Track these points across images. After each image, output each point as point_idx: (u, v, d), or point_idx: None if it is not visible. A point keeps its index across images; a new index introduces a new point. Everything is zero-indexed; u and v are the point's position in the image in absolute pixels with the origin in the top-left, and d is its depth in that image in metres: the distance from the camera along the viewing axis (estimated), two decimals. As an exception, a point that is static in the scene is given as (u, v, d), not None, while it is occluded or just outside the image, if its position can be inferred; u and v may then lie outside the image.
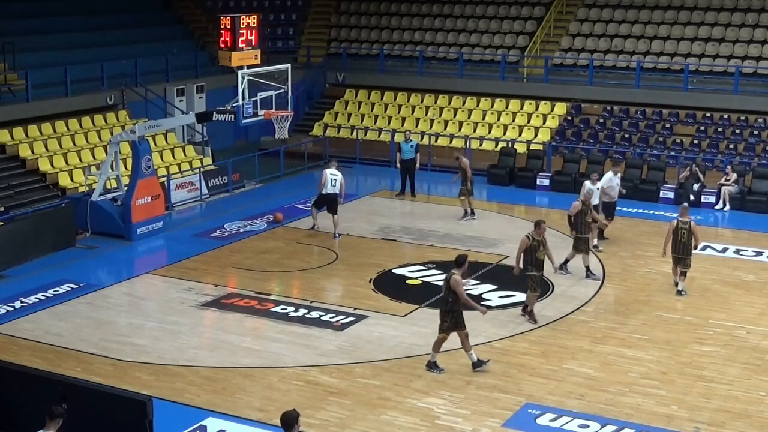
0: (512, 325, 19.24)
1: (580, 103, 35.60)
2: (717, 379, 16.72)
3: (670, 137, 33.52)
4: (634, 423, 14.99)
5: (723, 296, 21.21)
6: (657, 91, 34.65)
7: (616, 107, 35.02)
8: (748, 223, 27.65)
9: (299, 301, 20.53)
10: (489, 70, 37.73)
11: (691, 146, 32.86)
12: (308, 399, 15.77)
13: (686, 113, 34.15)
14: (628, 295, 21.23)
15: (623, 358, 17.63)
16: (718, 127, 33.42)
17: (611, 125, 34.56)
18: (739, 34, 36.31)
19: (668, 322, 19.49)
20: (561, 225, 26.45)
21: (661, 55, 36.49)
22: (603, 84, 35.58)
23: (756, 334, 18.89)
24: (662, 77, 35.48)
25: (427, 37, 40.35)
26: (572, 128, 34.76)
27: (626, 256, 24.10)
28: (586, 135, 34.34)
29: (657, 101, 34.58)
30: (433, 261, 23.35)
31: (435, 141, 35.12)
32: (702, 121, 33.80)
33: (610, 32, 37.96)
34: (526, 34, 39.06)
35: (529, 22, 39.48)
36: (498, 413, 15.37)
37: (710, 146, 32.75)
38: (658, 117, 34.43)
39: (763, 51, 35.41)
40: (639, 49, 36.94)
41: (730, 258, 24.21)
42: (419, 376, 16.75)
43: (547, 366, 17.28)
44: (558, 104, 35.61)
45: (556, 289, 21.44)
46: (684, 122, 34.04)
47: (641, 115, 34.65)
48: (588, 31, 38.37)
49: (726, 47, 35.94)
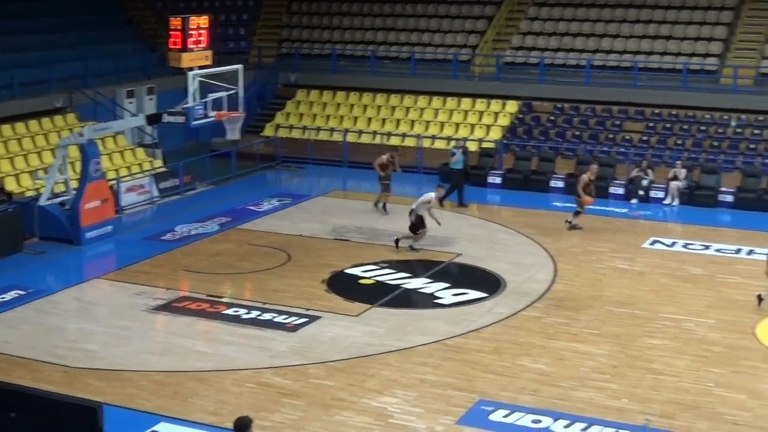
0: (465, 322, 19.30)
1: (530, 101, 35.80)
2: (666, 372, 16.89)
3: (619, 134, 33.80)
4: (586, 417, 15.10)
5: (672, 290, 21.44)
6: (606, 89, 34.91)
7: (566, 105, 35.25)
8: (696, 218, 27.97)
9: (251, 303, 20.45)
10: (440, 69, 37.81)
11: (641, 142, 33.16)
12: (261, 401, 15.73)
13: (635, 110, 34.46)
14: (579, 290, 21.38)
15: (575, 353, 17.75)
16: (667, 124, 33.75)
17: (562, 123, 34.79)
18: (686, 31, 36.67)
19: (619, 317, 19.66)
20: (513, 223, 26.64)
21: (611, 52, 36.77)
22: (553, 82, 35.79)
23: (704, 327, 19.11)
24: (611, 75, 35.76)
25: (378, 36, 40.38)
26: (523, 126, 34.95)
27: (578, 252, 24.27)
28: (537, 132, 34.54)
29: (606, 98, 34.84)
30: (387, 260, 23.37)
31: (387, 140, 35.16)
32: (651, 118, 34.12)
33: (560, 30, 38.19)
34: (477, 32, 39.19)
35: (480, 21, 39.61)
36: (451, 411, 15.41)
37: (659, 142, 33.08)
38: (607, 114, 34.70)
39: (710, 48, 35.81)
40: (589, 47, 37.21)
41: (679, 252, 24.47)
42: (373, 375, 16.76)
43: (500, 362, 17.36)
44: (509, 102, 35.78)
45: (508, 285, 21.55)
46: (633, 119, 34.34)
47: (591, 112, 34.91)
48: (539, 29, 38.58)
49: (674, 44, 36.31)
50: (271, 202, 29.18)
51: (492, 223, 27.29)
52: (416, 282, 21.82)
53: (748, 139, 32.56)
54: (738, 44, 35.88)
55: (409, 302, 20.66)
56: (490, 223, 27.23)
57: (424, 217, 24.14)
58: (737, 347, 18.08)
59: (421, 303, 20.62)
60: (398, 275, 22.27)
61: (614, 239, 25.55)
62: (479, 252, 24.20)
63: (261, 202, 29.12)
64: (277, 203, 29.14)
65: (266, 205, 28.80)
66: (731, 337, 18.57)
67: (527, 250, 24.46)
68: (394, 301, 20.68)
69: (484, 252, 24.14)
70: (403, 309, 20.20)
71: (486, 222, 27.33)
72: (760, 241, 25.30)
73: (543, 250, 24.33)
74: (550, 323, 19.33)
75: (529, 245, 24.93)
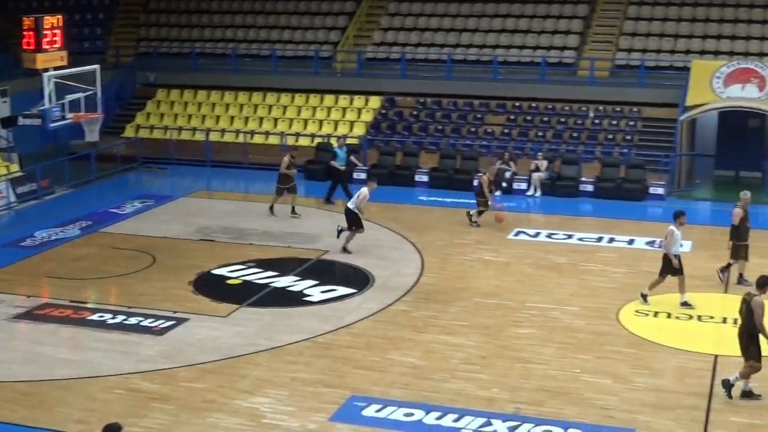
0: (335, 319, 19.27)
1: (393, 96, 35.99)
2: (534, 360, 17.17)
3: (481, 127, 34.26)
4: (457, 408, 15.23)
5: (537, 279, 21.82)
6: (467, 83, 35.34)
7: (428, 99, 35.57)
8: (558, 208, 28.54)
9: (117, 307, 20.00)
10: (302, 66, 37.71)
11: (502, 135, 33.67)
12: (130, 407, 15.40)
13: (496, 103, 34.97)
14: (447, 283, 21.57)
15: (445, 345, 17.90)
16: (527, 116, 34.36)
17: (424, 117, 35.08)
18: (543, 25, 37.41)
19: (487, 308, 19.91)
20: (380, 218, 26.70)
21: (471, 47, 37.23)
22: (415, 77, 36.05)
23: (569, 314, 19.50)
24: (472, 69, 36.21)
25: (239, 34, 40.02)
26: (387, 121, 35.12)
27: (444, 245, 24.49)
28: (400, 127, 34.74)
29: (468, 92, 35.28)
30: (253, 260, 23.18)
31: (251, 138, 34.90)
32: (511, 111, 34.68)
33: (420, 26, 38.50)
34: (338, 29, 39.21)
35: (341, 17, 39.65)
36: (324, 407, 15.36)
37: (520, 134, 33.64)
38: (469, 108, 35.13)
39: (567, 41, 36.59)
40: (449, 41, 37.60)
41: (543, 242, 24.93)
42: (243, 376, 16.59)
43: (371, 357, 17.38)
44: (372, 98, 35.91)
45: (376, 281, 21.60)
46: (494, 112, 34.85)
47: (453, 106, 35.29)
48: (399, 25, 38.82)
49: (532, 38, 36.98)
50: (133, 204, 28.64)
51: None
52: (284, 280, 21.70)
53: (605, 130, 33.39)
54: (594, 37, 36.78)
55: (277, 301, 20.52)
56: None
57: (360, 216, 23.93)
58: (602, 333, 18.50)
59: (289, 301, 20.50)
60: (266, 274, 22.11)
61: (479, 231, 25.87)
62: (347, 248, 24.20)
63: (123, 204, 28.55)
64: (140, 205, 28.62)
65: (129, 208, 28.25)
66: (595, 324, 19.00)
67: (394, 245, 24.57)
68: (263, 300, 20.52)
69: (351, 248, 24.12)
70: (271, 308, 20.06)
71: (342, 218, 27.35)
72: (620, 229, 25.98)
73: (410, 245, 24.48)
74: (419, 317, 19.44)
75: (395, 240, 25.04)
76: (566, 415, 14.98)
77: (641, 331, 18.60)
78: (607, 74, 35.28)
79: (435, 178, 31.40)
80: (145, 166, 34.10)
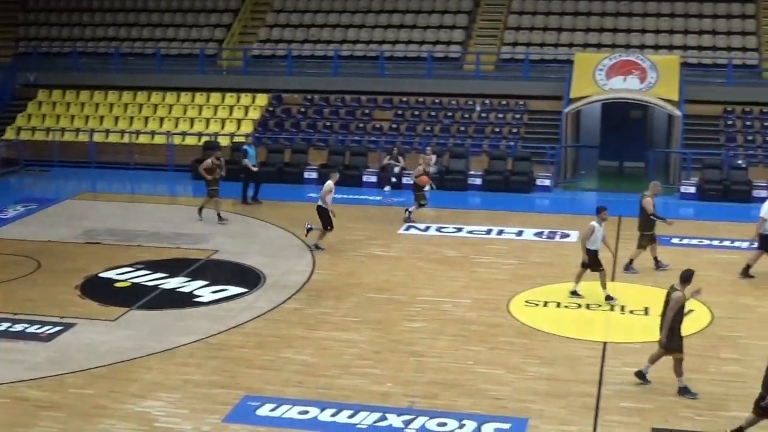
0: (226, 319, 19.08)
1: (280, 93, 35.83)
2: (428, 353, 17.24)
3: (370, 123, 34.34)
4: (352, 404, 15.19)
5: (428, 273, 21.94)
6: (355, 79, 35.38)
7: (316, 96, 35.52)
8: (447, 201, 28.73)
9: (1, 314, 19.46)
10: (187, 64, 37.29)
11: (391, 130, 33.79)
12: (18, 417, 14.97)
13: (384, 98, 35.09)
14: (338, 279, 21.54)
15: (338, 342, 17.86)
16: (415, 111, 34.54)
17: (312, 114, 35.02)
18: (429, 20, 37.66)
19: (379, 303, 19.93)
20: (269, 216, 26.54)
21: (357, 42, 37.27)
22: (302, 74, 35.96)
23: (461, 307, 19.64)
24: (359, 65, 36.26)
25: (122, 32, 39.37)
26: (274, 119, 34.96)
27: (335, 241, 24.44)
28: (288, 125, 34.62)
29: (355, 88, 35.32)
30: (142, 261, 22.81)
31: (136, 138, 34.37)
32: (399, 106, 34.84)
33: (306, 22, 38.40)
34: (223, 26, 38.87)
35: (226, 14, 39.33)
36: (217, 409, 15.18)
37: (408, 129, 33.80)
38: (357, 104, 35.17)
39: (452, 36, 36.90)
40: (335, 37, 37.59)
41: (433, 236, 25.09)
42: (134, 380, 16.29)
43: (264, 357, 17.25)
44: (259, 95, 35.70)
45: (267, 279, 21.46)
46: (382, 107, 34.96)
47: (341, 102, 35.29)
48: (285, 21, 38.65)
49: (418, 33, 37.19)
50: (16, 209, 27.94)
51: (247, 217, 27.14)
52: (174, 281, 21.40)
53: (492, 123, 33.77)
54: (479, 31, 37.17)
55: (167, 302, 20.22)
56: (245, 218, 27.07)
57: (328, 211, 23.70)
58: (493, 324, 18.68)
59: (180, 302, 20.22)
60: (155, 276, 21.77)
61: (369, 227, 25.92)
62: (236, 247, 24.00)
63: (5, 208, 27.84)
64: (23, 209, 27.93)
65: (11, 212, 27.56)
66: (487, 315, 19.17)
67: (285, 243, 24.46)
68: (153, 302, 20.19)
69: (242, 247, 23.96)
70: (162, 310, 19.75)
71: (242, 216, 27.14)
72: (508, 221, 26.30)
73: (300, 242, 24.38)
74: (312, 314, 19.37)
75: (286, 238, 24.93)
76: (460, 407, 15.07)
77: (532, 321, 18.85)
78: (492, 68, 35.68)
79: (324, 175, 31.28)
80: (27, 168, 33.34)
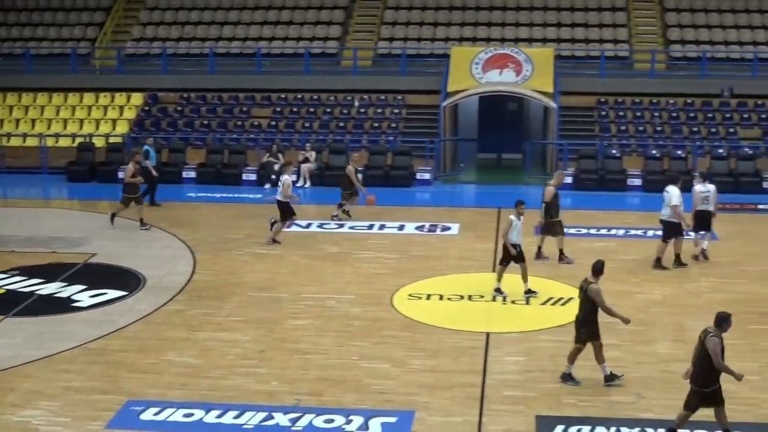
0: (106, 323, 18.69)
1: (156, 92, 35.34)
2: (313, 351, 17.17)
3: (248, 120, 34.12)
4: (237, 404, 15.04)
5: (311, 270, 21.88)
6: (232, 76, 35.14)
7: (192, 94, 35.16)
8: (328, 198, 28.68)
9: None
10: (59, 64, 36.48)
11: (269, 128, 33.62)
12: None
13: (261, 96, 34.91)
14: (220, 279, 21.32)
15: (221, 342, 17.66)
16: (293, 108, 34.44)
17: (189, 112, 34.64)
18: (305, 16, 37.63)
19: (262, 301, 19.79)
20: (147, 217, 26.11)
21: (233, 40, 37.00)
22: (178, 72, 35.53)
23: (345, 303, 19.63)
24: (236, 62, 36.00)
25: (-11, 33, 38.37)
26: (150, 118, 34.49)
27: (214, 241, 24.22)
28: (165, 124, 34.17)
29: (232, 86, 35.09)
30: (16, 267, 22.20)
31: (7, 141, 33.53)
32: (277, 103, 34.69)
33: (180, 19, 37.96)
34: (95, 25, 38.16)
35: (98, 12, 38.61)
36: (100, 415, 14.86)
37: (287, 126, 33.68)
38: (234, 101, 34.91)
39: (329, 32, 36.92)
40: (211, 35, 37.24)
41: (315, 232, 25.05)
42: (12, 389, 15.83)
43: (146, 360, 16.95)
44: (134, 95, 35.20)
45: (148, 281, 21.12)
46: (260, 105, 34.77)
47: (218, 100, 34.98)
48: (159, 19, 38.16)
49: (294, 29, 37.09)
50: None
51: (124, 219, 26.67)
52: (50, 287, 20.88)
53: (371, 118, 33.88)
54: (355, 27, 37.24)
55: (45, 309, 19.71)
56: (122, 220, 26.59)
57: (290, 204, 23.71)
58: (377, 319, 18.71)
59: (58, 308, 19.74)
60: (30, 282, 21.21)
61: (250, 225, 25.74)
62: (115, 250, 23.56)
63: None
64: None
65: None
66: (371, 310, 19.20)
67: (164, 244, 24.12)
68: (29, 308, 19.65)
69: (120, 249, 23.53)
70: (39, 316, 19.24)
71: (118, 219, 26.64)
72: (389, 215, 26.45)
73: (180, 242, 24.08)
74: (194, 315, 19.13)
75: (165, 238, 24.59)
76: (346, 403, 15.05)
77: (415, 314, 18.94)
78: (370, 63, 35.80)
79: (203, 174, 31.09)
80: None
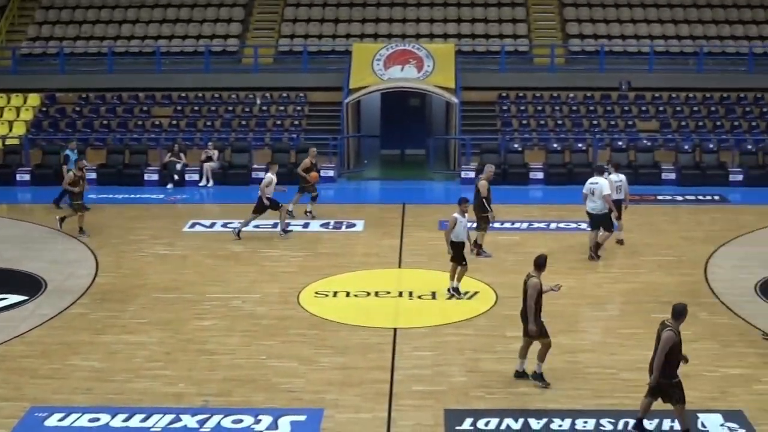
0: (7, 329, 18.29)
1: (54, 92, 34.72)
2: (220, 351, 17.05)
3: (148, 120, 33.71)
4: (144, 407, 14.86)
5: (216, 270, 21.71)
6: (131, 75, 34.73)
7: (91, 94, 34.63)
8: (231, 197, 28.55)
9: None
10: (-49, 64, 35.66)
11: (170, 127, 33.26)
12: None
13: (162, 95, 34.53)
14: (124, 281, 21.03)
15: (127, 345, 17.42)
16: (195, 106, 34.14)
17: (88, 112, 34.10)
18: (205, 14, 37.34)
19: (167, 303, 19.57)
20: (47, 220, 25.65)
21: (132, 38, 36.53)
22: (76, 72, 34.94)
23: (251, 302, 19.53)
24: (135, 61, 35.60)
25: None
26: (48, 119, 33.86)
27: (118, 242, 23.88)
28: (63, 125, 33.58)
29: (132, 85, 34.63)
30: None
31: None
32: (178, 102, 34.35)
33: (78, 18, 37.38)
34: (-13, 24, 37.34)
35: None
36: (3, 423, 14.55)
37: (189, 125, 33.37)
38: (134, 101, 34.47)
39: (229, 29, 36.68)
40: (109, 33, 36.76)
41: (219, 232, 24.85)
42: None
43: (49, 365, 16.64)
44: (31, 96, 34.54)
45: (49, 285, 20.73)
46: (161, 104, 34.39)
47: (118, 100, 34.50)
48: (55, 18, 37.53)
49: (194, 27, 36.74)
50: None
51: (24, 222, 26.15)
52: (-54, 294, 20.37)
53: (274, 116, 33.76)
54: (256, 24, 37.07)
55: (-59, 316, 19.23)
56: (22, 223, 26.09)
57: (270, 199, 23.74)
58: (284, 318, 18.65)
59: (-45, 315, 19.27)
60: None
61: (153, 225, 25.45)
62: (13, 253, 23.07)
63: None
64: None
65: None
66: (278, 309, 19.14)
67: (66, 247, 23.69)
68: (-76, 316, 19.16)
69: (19, 252, 23.05)
70: (-65, 324, 18.78)
71: (17, 222, 26.13)
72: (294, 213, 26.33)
73: (82, 245, 23.68)
74: (98, 318, 18.84)
75: (67, 241, 24.14)
76: (255, 402, 14.99)
77: (322, 311, 18.93)
78: (271, 61, 35.68)
79: (103, 175, 30.65)
80: None
